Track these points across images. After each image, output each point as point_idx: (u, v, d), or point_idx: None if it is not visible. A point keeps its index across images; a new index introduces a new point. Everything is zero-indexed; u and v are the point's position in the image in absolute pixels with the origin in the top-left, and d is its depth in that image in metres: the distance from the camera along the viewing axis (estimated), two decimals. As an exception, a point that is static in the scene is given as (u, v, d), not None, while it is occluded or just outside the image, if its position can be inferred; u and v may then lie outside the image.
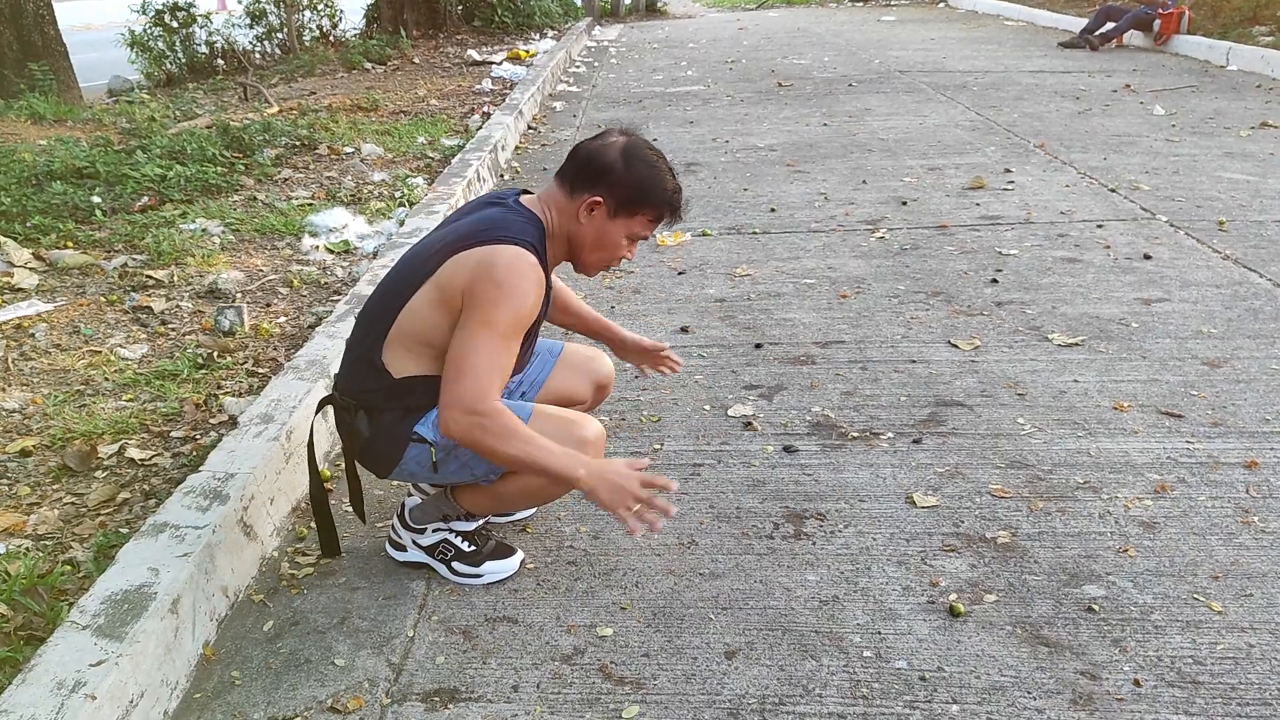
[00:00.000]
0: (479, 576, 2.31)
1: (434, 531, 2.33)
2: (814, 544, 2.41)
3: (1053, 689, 1.92)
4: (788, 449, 2.84)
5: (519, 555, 2.37)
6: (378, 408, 2.14)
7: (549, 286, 2.20)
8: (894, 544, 2.40)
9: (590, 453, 2.08)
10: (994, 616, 2.13)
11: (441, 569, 2.33)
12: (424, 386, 2.10)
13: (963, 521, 2.47)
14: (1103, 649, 2.02)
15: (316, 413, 2.37)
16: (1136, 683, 1.93)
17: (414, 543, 2.35)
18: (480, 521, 2.35)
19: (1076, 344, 3.42)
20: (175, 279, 3.96)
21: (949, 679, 1.96)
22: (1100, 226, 4.67)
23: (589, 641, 2.11)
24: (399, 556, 2.38)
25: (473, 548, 2.33)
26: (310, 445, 2.30)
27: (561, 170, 2.17)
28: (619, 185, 2.10)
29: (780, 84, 9.04)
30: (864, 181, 5.64)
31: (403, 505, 2.38)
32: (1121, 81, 8.51)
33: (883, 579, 2.27)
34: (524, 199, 2.17)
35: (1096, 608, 2.14)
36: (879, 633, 2.10)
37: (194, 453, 2.65)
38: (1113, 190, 5.26)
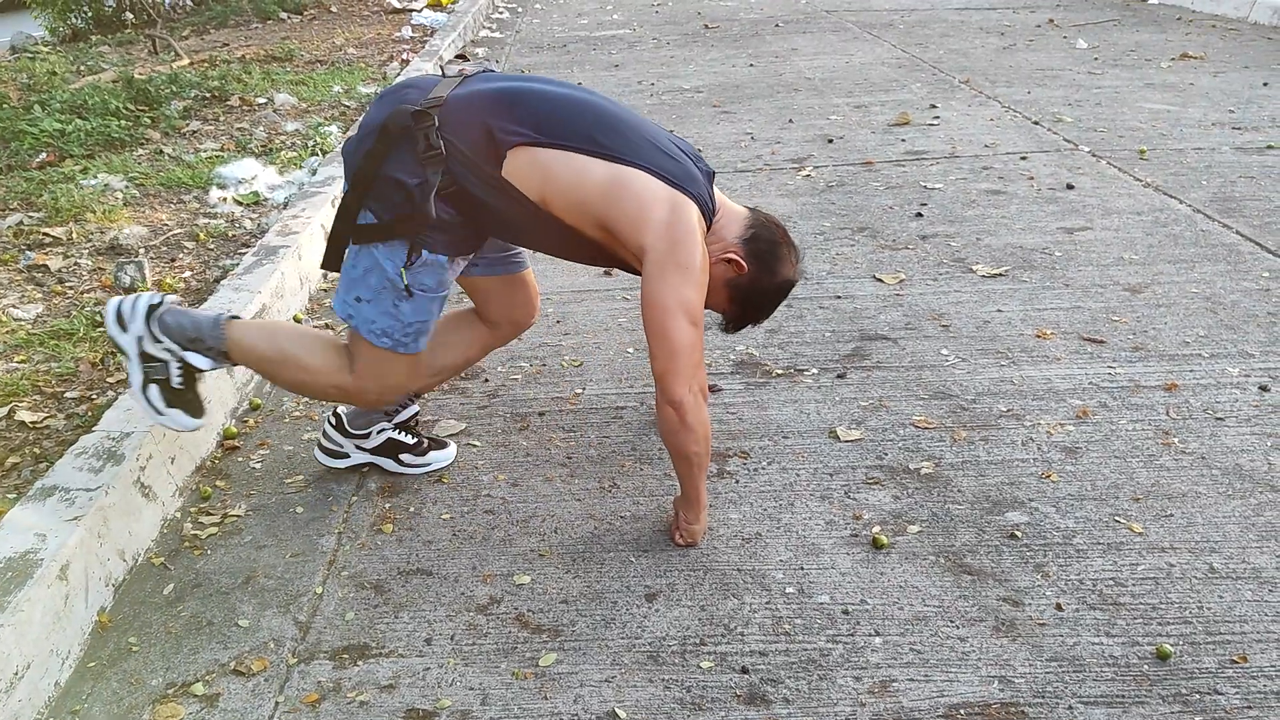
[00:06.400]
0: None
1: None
2: (737, 482, 2.36)
3: (976, 616, 1.90)
4: (712, 389, 2.78)
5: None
6: (445, 183, 1.93)
7: None
8: (817, 479, 2.36)
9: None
10: (917, 547, 2.11)
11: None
12: (509, 204, 1.96)
13: (886, 454, 2.44)
14: (1025, 575, 2.01)
15: (418, 124, 1.93)
16: (1059, 607, 1.91)
17: (358, 447, 2.41)
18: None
19: (1000, 274, 3.40)
20: (74, 236, 3.77)
21: (872, 611, 1.93)
22: (1024, 159, 4.66)
23: (506, 590, 2.04)
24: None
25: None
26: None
27: (758, 219, 2.15)
28: (758, 286, 2.13)
29: (707, 26, 8.90)
30: (790, 121, 5.56)
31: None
32: (1045, 17, 8.50)
33: (805, 514, 2.23)
34: (717, 191, 2.14)
35: (1019, 534, 2.12)
36: (801, 568, 2.06)
37: (89, 413, 2.52)
38: (1036, 123, 5.25)
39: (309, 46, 8.09)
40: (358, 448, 2.41)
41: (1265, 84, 5.86)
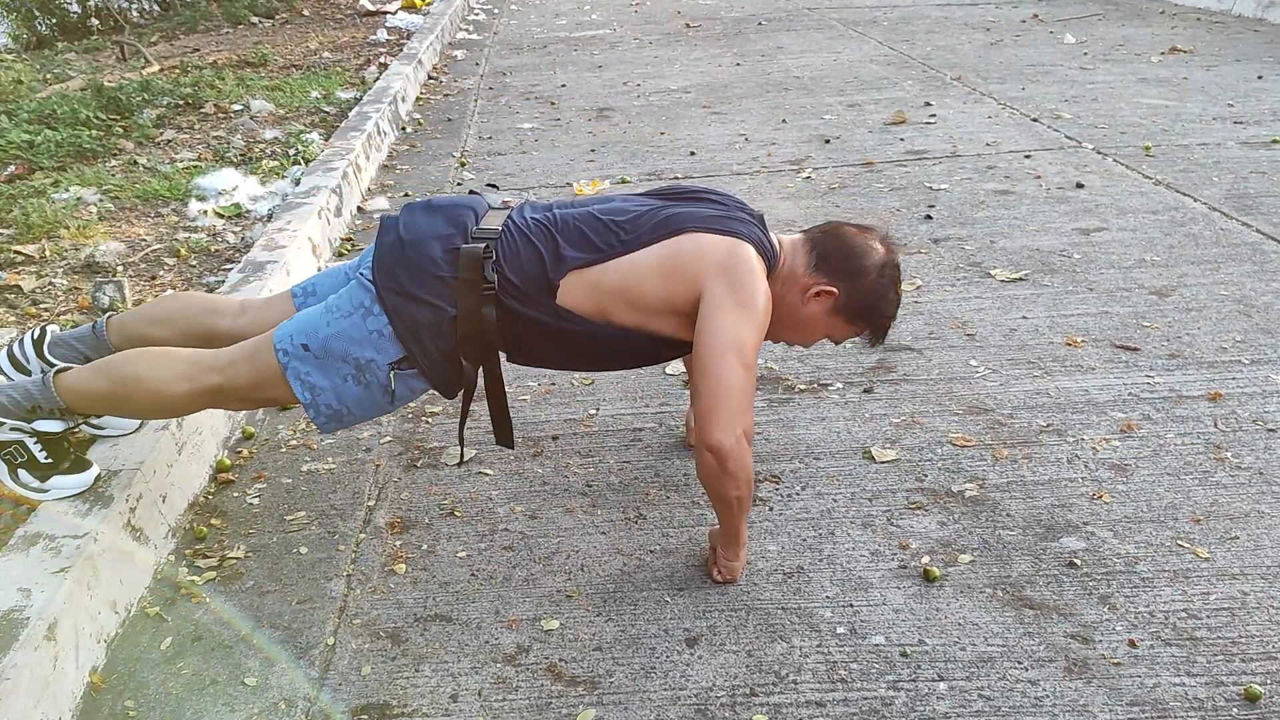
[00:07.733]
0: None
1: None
2: (771, 509, 2.22)
3: (1045, 656, 1.77)
4: (732, 407, 2.64)
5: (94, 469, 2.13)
6: (501, 309, 1.89)
7: None
8: (856, 504, 2.22)
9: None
10: (971, 579, 1.97)
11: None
12: (568, 329, 1.92)
13: (926, 475, 2.31)
14: (1091, 608, 1.87)
15: (484, 249, 1.89)
16: (1132, 643, 1.78)
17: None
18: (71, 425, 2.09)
19: (1020, 279, 3.28)
20: (47, 253, 3.58)
21: (932, 653, 1.79)
22: (1028, 157, 4.55)
23: (534, 637, 1.89)
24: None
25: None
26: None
27: (815, 237, 2.04)
28: (860, 294, 1.99)
29: (688, 25, 8.76)
30: (784, 121, 5.43)
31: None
32: (1029, 11, 8.43)
33: (849, 544, 2.09)
34: (773, 233, 2.04)
35: (1078, 562, 1.99)
36: (851, 605, 1.92)
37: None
38: (1035, 120, 5.15)
39: (282, 51, 7.90)
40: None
41: (1260, 77, 5.79)
